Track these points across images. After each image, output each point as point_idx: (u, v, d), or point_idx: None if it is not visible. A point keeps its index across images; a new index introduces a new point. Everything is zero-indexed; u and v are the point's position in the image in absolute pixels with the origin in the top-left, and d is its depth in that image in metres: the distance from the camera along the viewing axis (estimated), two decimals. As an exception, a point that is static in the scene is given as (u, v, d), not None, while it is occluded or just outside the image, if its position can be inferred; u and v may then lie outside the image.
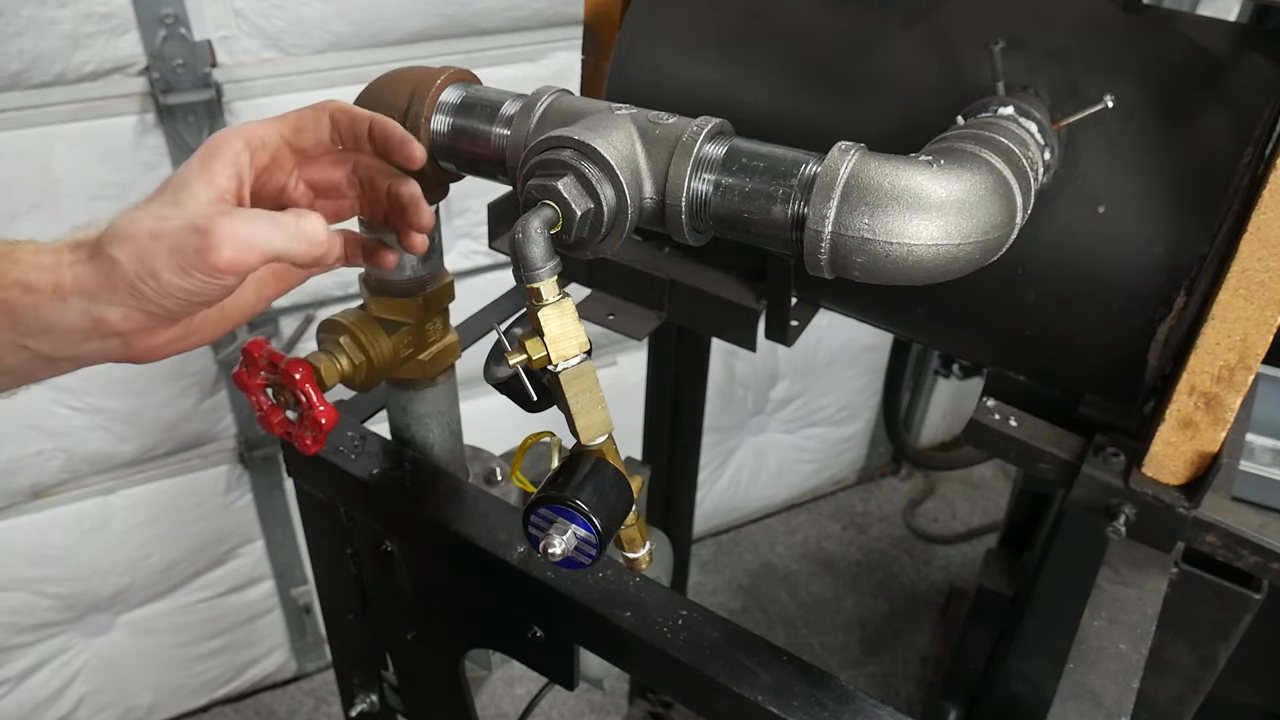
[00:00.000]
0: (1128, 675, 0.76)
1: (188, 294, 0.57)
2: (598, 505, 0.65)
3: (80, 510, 1.92)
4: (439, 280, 0.86)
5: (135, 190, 1.68)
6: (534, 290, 0.62)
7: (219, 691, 2.36)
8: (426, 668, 1.04)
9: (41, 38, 1.48)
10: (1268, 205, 0.72)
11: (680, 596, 0.81)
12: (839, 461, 3.04)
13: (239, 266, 0.57)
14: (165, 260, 0.56)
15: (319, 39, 1.69)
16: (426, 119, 0.75)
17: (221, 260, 0.56)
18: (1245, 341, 0.77)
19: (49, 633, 2.03)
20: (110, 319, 0.57)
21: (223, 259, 0.56)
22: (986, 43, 0.83)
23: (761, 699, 0.73)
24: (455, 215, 1.98)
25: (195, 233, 0.56)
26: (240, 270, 0.57)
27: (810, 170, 0.63)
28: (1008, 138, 0.73)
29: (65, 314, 0.57)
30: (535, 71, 1.89)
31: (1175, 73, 0.84)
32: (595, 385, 0.65)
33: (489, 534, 0.85)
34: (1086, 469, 0.87)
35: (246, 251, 0.57)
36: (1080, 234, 0.85)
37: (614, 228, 0.66)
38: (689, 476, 1.79)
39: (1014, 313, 0.90)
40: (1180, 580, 0.88)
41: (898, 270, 0.62)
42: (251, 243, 0.57)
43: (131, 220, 0.57)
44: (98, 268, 0.57)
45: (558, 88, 0.73)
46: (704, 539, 2.89)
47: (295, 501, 1.34)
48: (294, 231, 0.59)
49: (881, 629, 2.67)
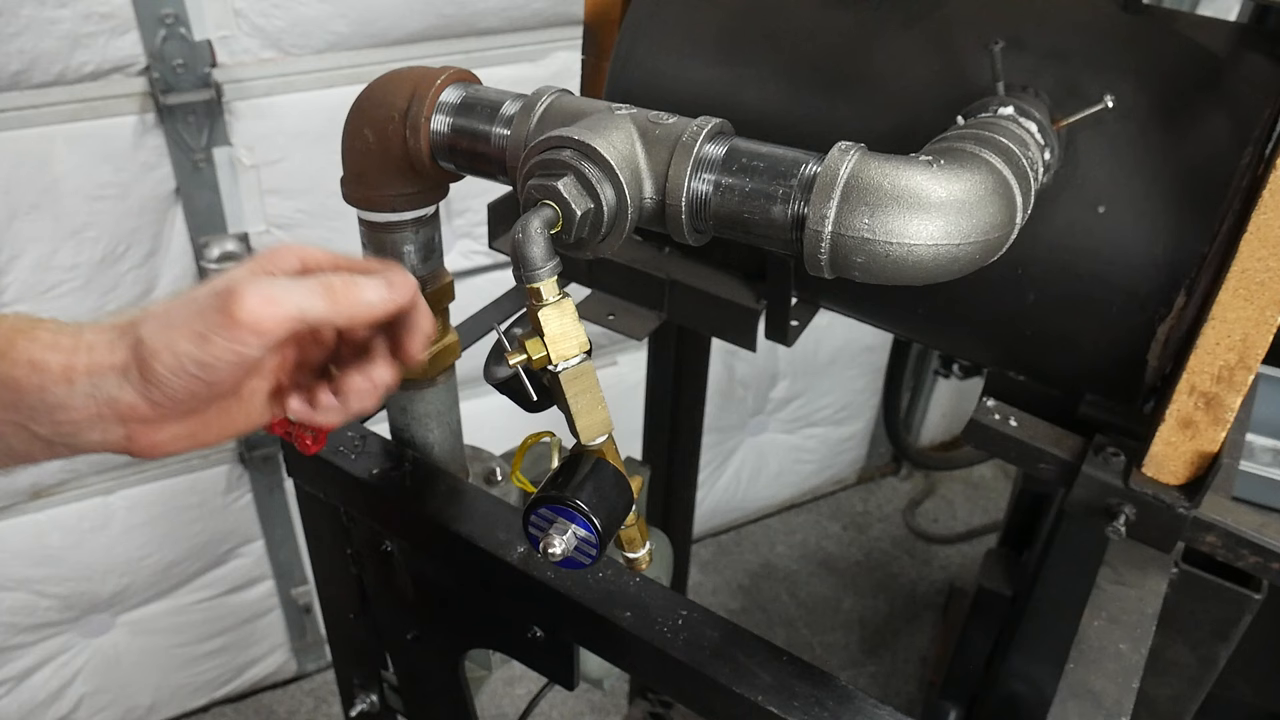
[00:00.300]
0: (1128, 675, 0.76)
1: (201, 366, 0.54)
2: (598, 505, 0.65)
3: (80, 510, 1.92)
4: (439, 280, 0.86)
5: (135, 190, 1.68)
6: (534, 290, 0.62)
7: (219, 691, 2.36)
8: (426, 668, 1.04)
9: (41, 38, 1.48)
10: (1268, 205, 0.72)
11: (680, 596, 0.81)
12: (839, 461, 3.04)
13: (261, 322, 0.54)
14: (185, 326, 0.54)
15: (319, 39, 1.69)
16: (426, 119, 0.75)
17: (243, 312, 0.53)
18: (1245, 341, 0.77)
19: (49, 633, 2.03)
20: (117, 404, 0.55)
21: (245, 310, 0.53)
22: (986, 43, 0.83)
23: (761, 699, 0.73)
24: (455, 215, 1.98)
25: (220, 293, 0.54)
26: (261, 328, 0.54)
27: (810, 170, 0.63)
28: (1008, 138, 0.73)
29: (71, 396, 0.55)
30: (535, 71, 1.89)
31: (1175, 73, 0.84)
32: (595, 385, 0.65)
33: (489, 534, 0.85)
34: (1086, 469, 0.87)
35: (269, 304, 0.54)
36: (1080, 234, 0.85)
37: (614, 228, 0.66)
38: (689, 476, 1.79)
39: (1014, 313, 0.90)
40: (1180, 580, 0.88)
41: (898, 270, 0.62)
42: (274, 295, 0.54)
43: (164, 299, 0.56)
44: (117, 345, 0.55)
45: (558, 88, 0.73)
46: (704, 539, 2.89)
47: (295, 501, 1.34)
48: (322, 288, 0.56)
49: (881, 629, 2.67)
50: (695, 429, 1.71)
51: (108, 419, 0.56)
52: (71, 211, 1.63)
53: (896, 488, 3.15)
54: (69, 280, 1.68)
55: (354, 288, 0.58)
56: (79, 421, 0.56)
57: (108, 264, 1.71)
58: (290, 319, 0.55)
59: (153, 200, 1.71)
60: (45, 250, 1.64)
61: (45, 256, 1.64)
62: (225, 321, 0.53)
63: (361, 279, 0.59)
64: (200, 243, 1.78)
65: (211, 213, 1.77)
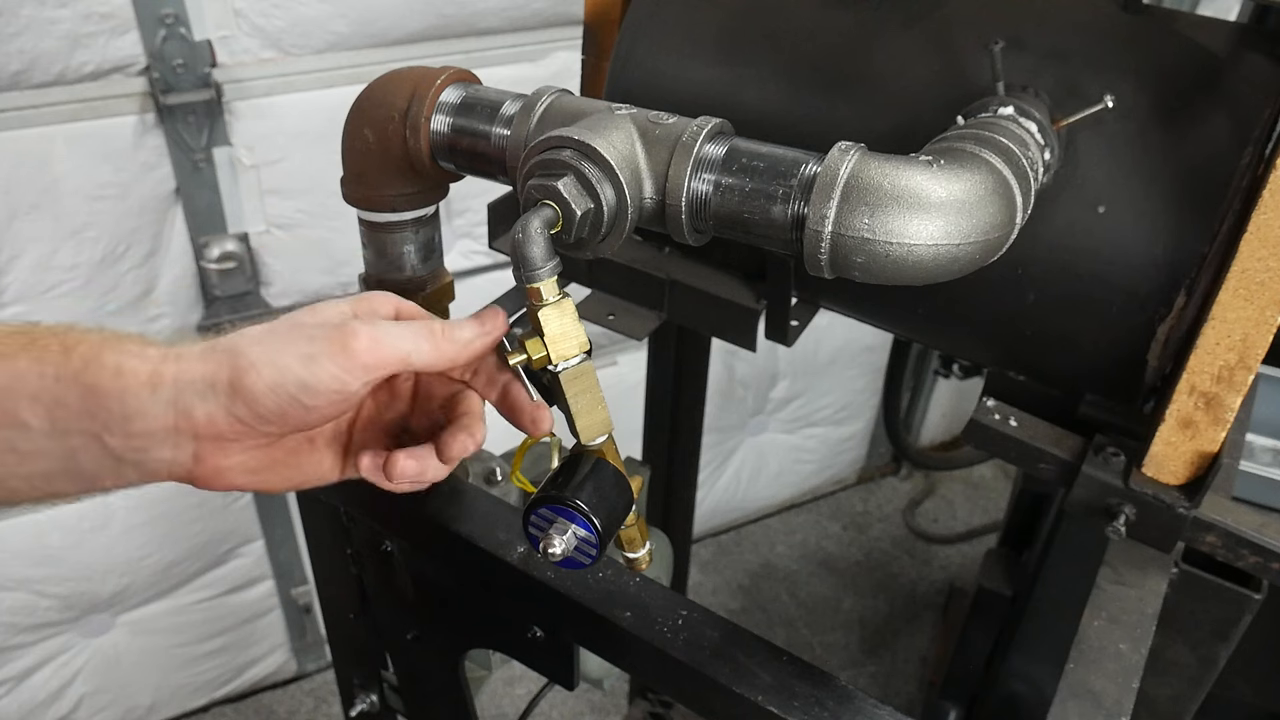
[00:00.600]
0: (1128, 675, 0.76)
1: (302, 387, 0.55)
2: (598, 505, 0.64)
3: (80, 510, 1.92)
4: (439, 280, 0.86)
5: (135, 190, 1.68)
6: (534, 290, 0.62)
7: (219, 691, 2.36)
8: (426, 668, 1.04)
9: (41, 38, 1.48)
10: (1268, 205, 0.72)
11: (680, 596, 0.81)
12: (839, 461, 3.04)
13: (372, 358, 0.56)
14: (291, 347, 0.56)
15: (319, 39, 1.69)
16: (426, 119, 0.75)
17: (358, 345, 0.56)
18: (1245, 341, 0.77)
19: (49, 633, 2.03)
20: (195, 415, 0.56)
21: (359, 343, 0.56)
22: (986, 43, 0.83)
23: (761, 699, 0.73)
24: (455, 215, 1.98)
25: (335, 325, 0.57)
26: (371, 362, 0.56)
27: (810, 170, 0.63)
28: (1008, 138, 0.73)
29: (153, 403, 0.55)
30: (535, 71, 1.89)
31: (1175, 73, 0.84)
32: (595, 385, 0.65)
33: (489, 534, 0.85)
34: (1086, 469, 0.87)
35: (379, 344, 0.57)
36: (1080, 234, 0.85)
37: (614, 228, 0.66)
38: (689, 476, 1.79)
39: (1014, 313, 0.90)
40: (1180, 580, 0.88)
41: (898, 270, 0.62)
42: (384, 337, 0.57)
43: (255, 326, 0.57)
44: (208, 356, 0.56)
45: (558, 88, 0.73)
46: (704, 539, 2.89)
47: (295, 501, 1.34)
48: (426, 331, 0.60)
49: (881, 629, 2.67)
50: (695, 429, 1.71)
51: (183, 432, 0.56)
52: (71, 211, 1.63)
53: (896, 488, 3.15)
54: (69, 280, 1.68)
55: (451, 328, 0.61)
56: (153, 433, 0.56)
57: (108, 264, 1.71)
58: (399, 360, 0.58)
59: (153, 200, 1.71)
60: (45, 250, 1.64)
61: (45, 256, 1.65)
62: (337, 351, 0.55)
63: (457, 321, 0.62)
64: (200, 243, 1.79)
65: (211, 213, 1.77)
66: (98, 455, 0.56)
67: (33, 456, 0.56)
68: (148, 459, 0.57)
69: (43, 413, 0.54)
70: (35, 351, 0.55)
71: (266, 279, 1.88)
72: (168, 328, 1.81)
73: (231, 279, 1.84)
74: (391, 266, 0.84)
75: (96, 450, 0.56)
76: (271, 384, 0.55)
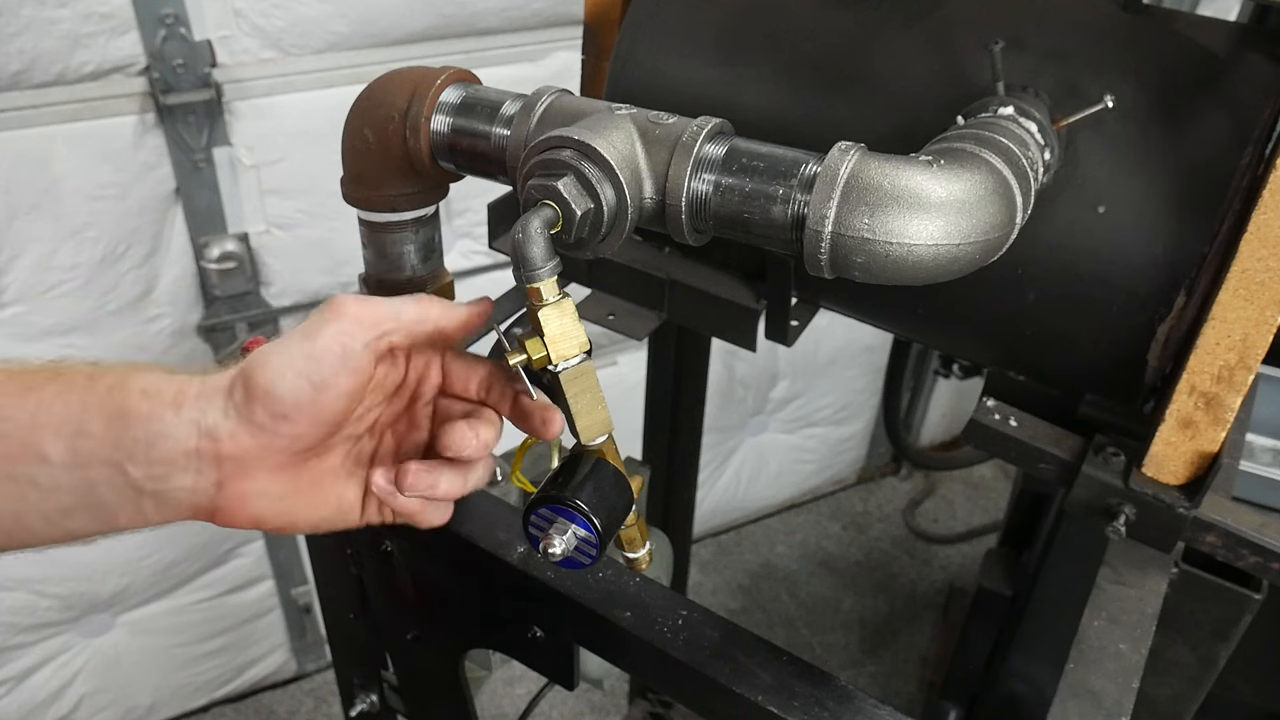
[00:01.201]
0: (1128, 675, 0.76)
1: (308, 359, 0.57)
2: (598, 505, 0.65)
3: (80, 510, 1.92)
4: (439, 280, 0.86)
5: (135, 190, 1.68)
6: (534, 290, 0.62)
7: (219, 691, 2.37)
8: (426, 668, 1.04)
9: (41, 38, 1.48)
10: (1268, 205, 0.72)
11: (680, 596, 0.81)
12: (839, 461, 3.04)
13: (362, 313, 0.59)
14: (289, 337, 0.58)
15: (319, 39, 1.69)
16: (426, 119, 0.75)
17: (347, 306, 0.59)
18: (1245, 341, 0.77)
19: (49, 633, 2.03)
20: (217, 434, 0.56)
21: (348, 304, 0.59)
22: (986, 43, 0.83)
23: (761, 699, 0.73)
24: (455, 215, 1.98)
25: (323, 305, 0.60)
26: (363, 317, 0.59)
27: (810, 170, 0.63)
28: (1008, 138, 0.73)
29: (177, 424, 0.56)
30: (535, 71, 1.89)
31: (1175, 73, 0.84)
32: (595, 385, 0.65)
33: (489, 534, 0.85)
34: (1086, 469, 0.87)
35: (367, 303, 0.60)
36: (1080, 234, 0.85)
37: (614, 228, 0.66)
38: (689, 476, 1.79)
39: (1014, 313, 0.90)
40: (1180, 580, 0.88)
41: (898, 270, 0.62)
42: (371, 300, 0.61)
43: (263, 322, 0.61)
44: (228, 372, 0.58)
45: (558, 88, 0.73)
46: (704, 539, 2.89)
47: (295, 501, 1.34)
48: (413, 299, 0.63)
49: (881, 629, 2.67)
50: (695, 429, 1.71)
51: (205, 456, 0.57)
52: (71, 211, 1.63)
53: (896, 488, 3.15)
54: (69, 280, 1.68)
55: (440, 300, 0.65)
56: (174, 459, 0.56)
57: (108, 264, 1.71)
58: (390, 314, 0.60)
59: (153, 200, 1.71)
60: (45, 250, 1.64)
61: (45, 256, 1.65)
62: (331, 317, 0.58)
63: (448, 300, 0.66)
64: (200, 243, 1.79)
65: (211, 213, 1.77)
66: (119, 487, 0.57)
67: (52, 491, 0.56)
68: (168, 488, 0.57)
69: (64, 445, 0.55)
70: (62, 382, 0.56)
71: (266, 279, 1.88)
72: (168, 328, 1.81)
73: (231, 279, 1.84)
74: (391, 266, 0.84)
75: (118, 482, 0.56)
76: (278, 368, 0.56)
